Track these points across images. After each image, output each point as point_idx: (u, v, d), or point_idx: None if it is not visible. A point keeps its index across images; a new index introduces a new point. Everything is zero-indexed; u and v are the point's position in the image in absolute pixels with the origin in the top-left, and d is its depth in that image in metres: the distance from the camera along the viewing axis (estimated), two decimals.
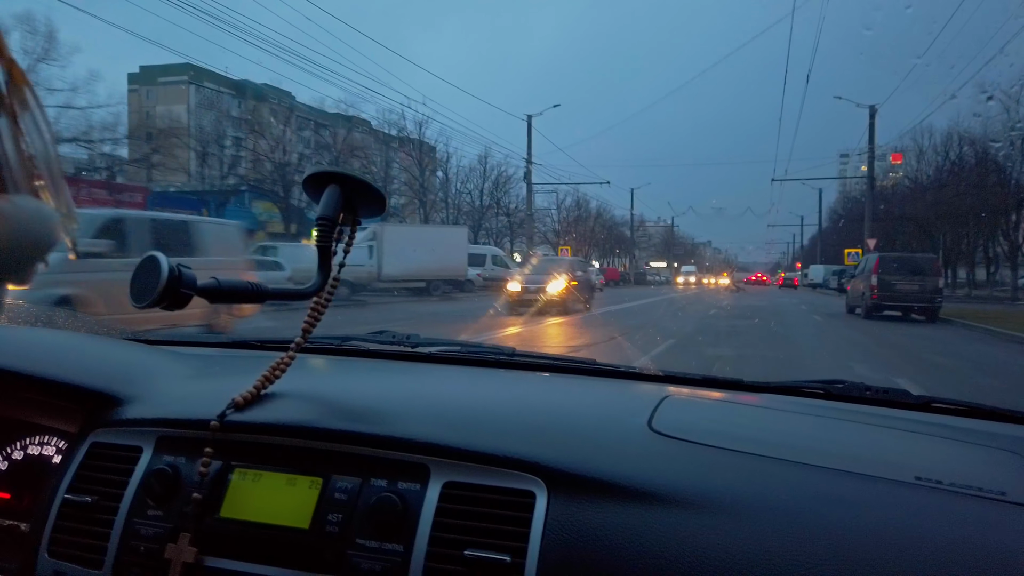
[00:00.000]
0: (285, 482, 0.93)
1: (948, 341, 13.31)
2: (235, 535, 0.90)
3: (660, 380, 1.37)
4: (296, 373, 1.08)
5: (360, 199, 1.00)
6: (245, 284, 0.94)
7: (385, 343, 1.55)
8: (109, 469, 1.01)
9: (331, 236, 0.99)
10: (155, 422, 1.03)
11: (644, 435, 0.97)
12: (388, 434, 0.94)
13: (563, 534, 0.81)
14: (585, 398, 1.24)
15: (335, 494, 0.90)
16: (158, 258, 0.85)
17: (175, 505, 0.94)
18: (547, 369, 1.43)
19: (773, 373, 7.79)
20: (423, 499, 0.87)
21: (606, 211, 61.54)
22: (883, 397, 1.24)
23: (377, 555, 0.85)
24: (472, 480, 0.88)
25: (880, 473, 0.86)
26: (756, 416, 1.17)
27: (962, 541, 0.74)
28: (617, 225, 69.85)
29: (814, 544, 0.74)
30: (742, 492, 0.82)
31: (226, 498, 0.92)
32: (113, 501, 0.97)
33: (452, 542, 0.83)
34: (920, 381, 7.28)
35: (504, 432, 0.96)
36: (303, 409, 1.02)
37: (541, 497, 0.85)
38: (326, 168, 1.00)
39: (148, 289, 0.84)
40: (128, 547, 0.93)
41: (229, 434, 0.96)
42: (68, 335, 1.50)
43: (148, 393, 1.12)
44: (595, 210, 58.47)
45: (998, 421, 1.16)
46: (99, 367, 1.22)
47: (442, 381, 1.33)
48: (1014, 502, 0.80)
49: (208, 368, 1.32)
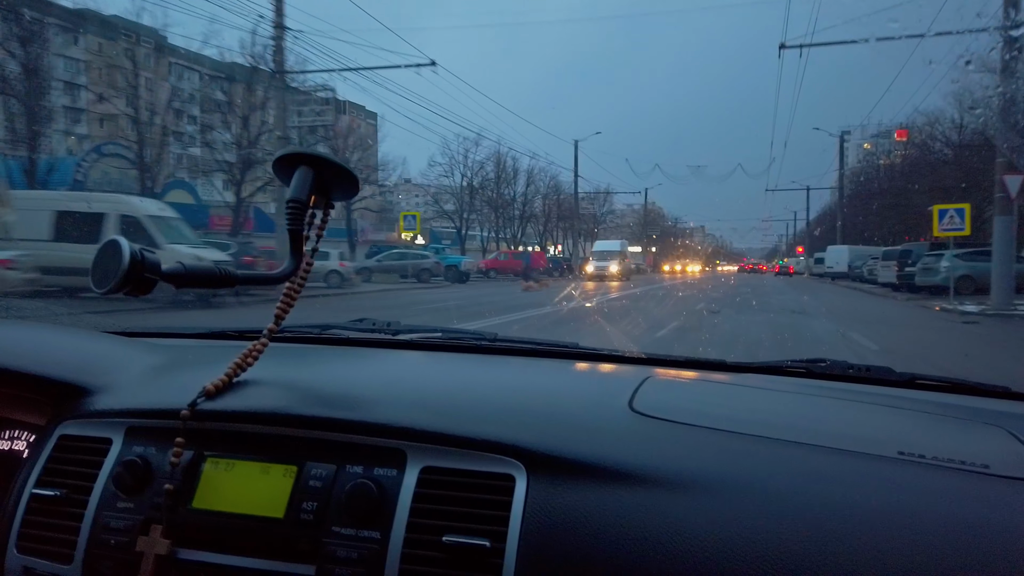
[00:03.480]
0: (259, 471, 0.92)
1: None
2: (208, 526, 0.90)
3: (644, 362, 1.36)
4: (271, 361, 1.08)
5: (333, 181, 0.99)
6: (213, 269, 0.93)
7: (365, 331, 1.55)
8: (78, 462, 1.00)
9: (302, 219, 0.98)
10: (124, 413, 1.03)
11: (625, 416, 0.97)
12: (363, 419, 0.93)
13: (543, 517, 0.81)
14: (566, 381, 1.24)
15: (310, 482, 0.89)
16: (120, 242, 0.84)
17: (146, 497, 0.93)
18: (530, 354, 1.42)
19: None
20: (400, 485, 0.87)
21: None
22: (866, 375, 1.24)
23: (353, 542, 0.84)
24: (450, 464, 0.87)
25: (862, 448, 0.86)
26: (738, 396, 1.16)
27: (945, 514, 0.75)
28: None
29: (796, 520, 0.75)
30: (723, 471, 0.83)
31: (199, 488, 0.92)
32: (83, 494, 0.96)
33: (430, 528, 0.83)
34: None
35: (482, 415, 0.95)
36: (277, 396, 1.01)
37: (520, 480, 0.85)
38: (297, 149, 0.98)
39: (109, 274, 0.83)
40: (99, 540, 0.92)
41: (201, 423, 0.95)
42: (35, 326, 1.46)
43: (117, 383, 1.11)
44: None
45: (981, 396, 1.17)
46: (67, 358, 1.21)
47: (422, 367, 1.33)
48: (997, 475, 0.81)
49: (181, 358, 1.30)
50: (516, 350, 1.42)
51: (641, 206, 70.42)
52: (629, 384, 1.09)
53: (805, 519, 0.75)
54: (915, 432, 0.98)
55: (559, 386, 1.19)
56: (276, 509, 0.88)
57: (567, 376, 1.28)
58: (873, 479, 0.81)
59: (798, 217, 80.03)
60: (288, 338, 1.46)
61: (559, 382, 1.23)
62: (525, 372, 1.31)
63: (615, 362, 1.38)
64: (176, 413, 0.94)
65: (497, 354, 1.42)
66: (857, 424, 1.01)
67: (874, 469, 0.83)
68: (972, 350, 9.09)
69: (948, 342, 10.39)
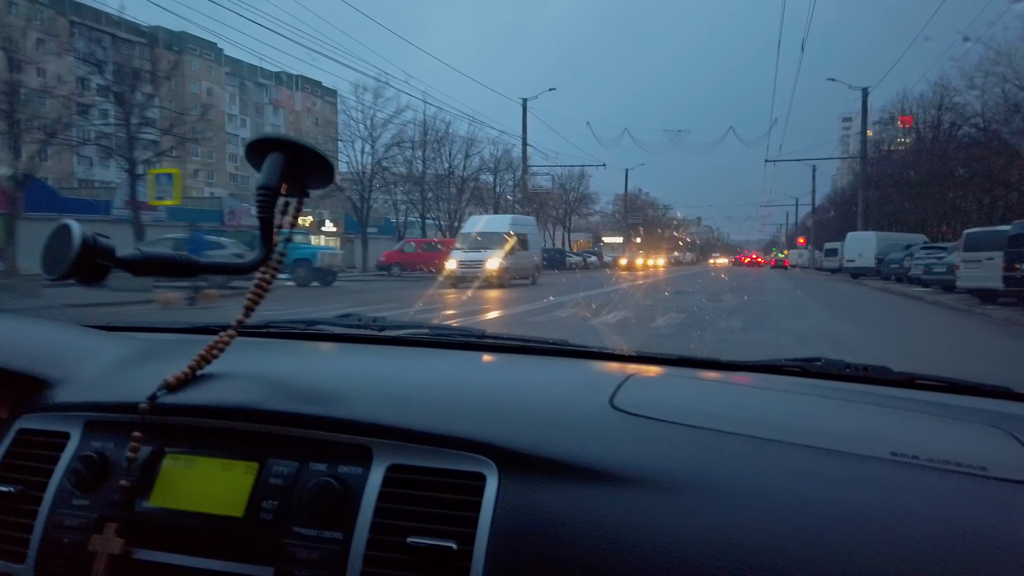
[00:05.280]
0: (220, 467, 0.90)
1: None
2: (165, 524, 0.87)
3: (633, 360, 1.32)
4: (245, 355, 1.06)
5: (306, 168, 0.96)
6: (173, 256, 0.90)
7: (351, 327, 1.50)
8: (35, 456, 0.98)
9: (272, 206, 0.95)
10: (84, 406, 1.00)
11: (604, 413, 0.93)
12: (328, 415, 0.91)
13: (515, 518, 0.79)
14: (550, 378, 1.21)
15: (271, 479, 0.87)
16: (70, 226, 0.81)
17: (103, 493, 0.91)
18: (517, 351, 1.38)
19: None
20: (365, 483, 0.85)
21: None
22: (863, 374, 1.20)
23: (315, 543, 0.82)
24: (418, 463, 0.85)
25: (852, 449, 0.83)
26: (727, 394, 1.13)
27: (937, 517, 0.72)
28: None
29: (781, 521, 0.73)
30: (706, 470, 0.80)
31: (156, 485, 0.90)
32: (38, 490, 0.94)
33: (395, 528, 0.81)
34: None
35: (454, 412, 0.93)
36: (241, 390, 0.99)
37: (492, 479, 0.82)
38: (269, 135, 0.96)
39: (59, 260, 0.80)
40: (51, 540, 0.90)
41: (161, 417, 0.93)
42: (2, 317, 1.41)
43: (79, 376, 1.08)
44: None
45: (981, 396, 1.13)
46: (27, 349, 1.17)
47: (402, 363, 1.29)
48: (995, 477, 0.78)
49: (149, 351, 1.26)
50: (503, 347, 1.39)
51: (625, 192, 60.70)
52: (612, 381, 1.06)
53: (789, 519, 0.73)
54: (910, 432, 0.94)
55: (540, 383, 1.15)
56: (236, 508, 0.86)
57: (550, 373, 1.25)
58: (862, 480, 0.78)
59: (800, 203, 69.77)
60: (273, 333, 1.43)
61: (541, 379, 1.19)
62: (508, 369, 1.29)
63: (604, 359, 1.35)
64: (135, 407, 0.92)
65: (484, 351, 1.39)
66: (849, 424, 0.98)
67: (864, 470, 0.80)
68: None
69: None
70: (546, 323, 10.51)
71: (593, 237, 69.40)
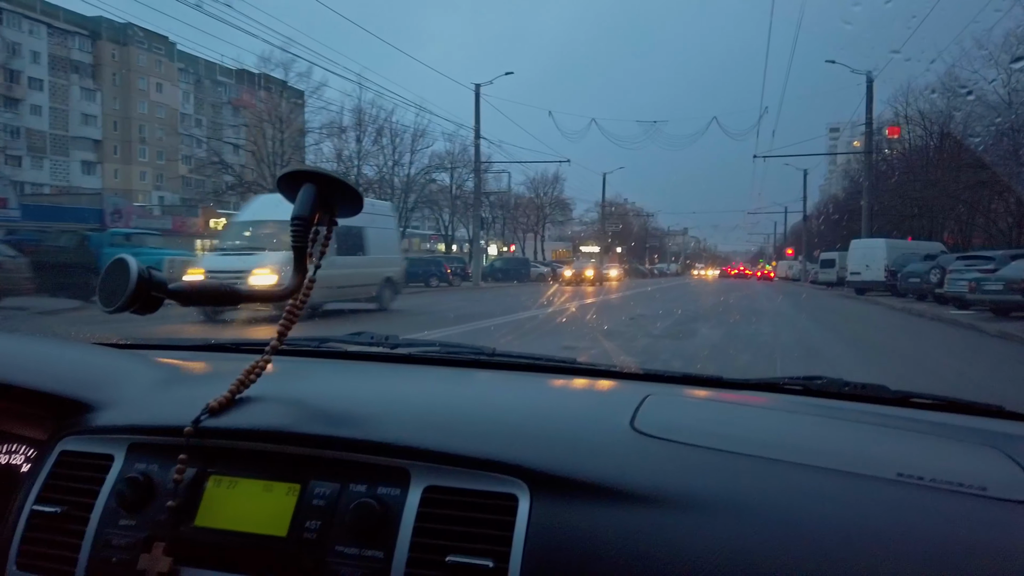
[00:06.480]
0: (262, 489, 0.93)
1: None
2: (211, 544, 0.91)
3: (641, 378, 1.38)
4: (273, 376, 1.09)
5: (337, 198, 1.01)
6: (217, 286, 0.95)
7: (364, 344, 1.54)
8: (79, 478, 1.01)
9: (307, 236, 0.99)
10: (127, 429, 1.04)
11: (627, 435, 0.98)
12: (367, 438, 0.94)
13: (546, 537, 0.82)
14: (566, 398, 1.26)
15: (313, 500, 0.90)
16: (127, 260, 0.85)
17: (148, 514, 0.94)
18: (527, 369, 1.43)
19: None
20: (404, 504, 0.88)
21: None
22: (862, 392, 1.24)
23: (357, 562, 0.85)
24: (453, 484, 0.89)
25: (862, 470, 0.87)
26: (737, 414, 1.18)
27: (944, 537, 0.76)
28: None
29: (797, 542, 0.76)
30: (725, 491, 0.84)
31: (201, 506, 0.93)
32: (84, 511, 0.97)
33: (434, 547, 0.84)
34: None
35: (485, 434, 0.96)
36: (280, 413, 1.02)
37: (524, 500, 0.86)
38: (302, 167, 1.00)
39: (118, 292, 0.84)
40: (100, 558, 0.93)
41: (204, 440, 0.97)
42: (35, 340, 1.45)
43: (119, 399, 1.12)
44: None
45: (976, 416, 1.17)
46: (68, 373, 1.21)
47: (422, 382, 1.34)
48: (995, 497, 0.82)
49: (181, 372, 1.31)
50: (514, 365, 1.43)
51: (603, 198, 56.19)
52: (630, 402, 1.09)
53: (807, 540, 0.76)
54: (913, 453, 0.98)
55: (560, 403, 1.20)
56: (279, 527, 0.89)
57: (567, 393, 1.30)
58: (873, 501, 0.81)
59: (789, 211, 65.19)
60: (286, 351, 1.44)
61: (559, 399, 1.24)
62: (525, 388, 1.32)
63: (613, 378, 1.39)
64: (179, 430, 0.95)
65: (495, 369, 1.43)
66: (856, 444, 1.02)
67: (874, 490, 0.83)
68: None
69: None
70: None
71: (572, 247, 64.86)
